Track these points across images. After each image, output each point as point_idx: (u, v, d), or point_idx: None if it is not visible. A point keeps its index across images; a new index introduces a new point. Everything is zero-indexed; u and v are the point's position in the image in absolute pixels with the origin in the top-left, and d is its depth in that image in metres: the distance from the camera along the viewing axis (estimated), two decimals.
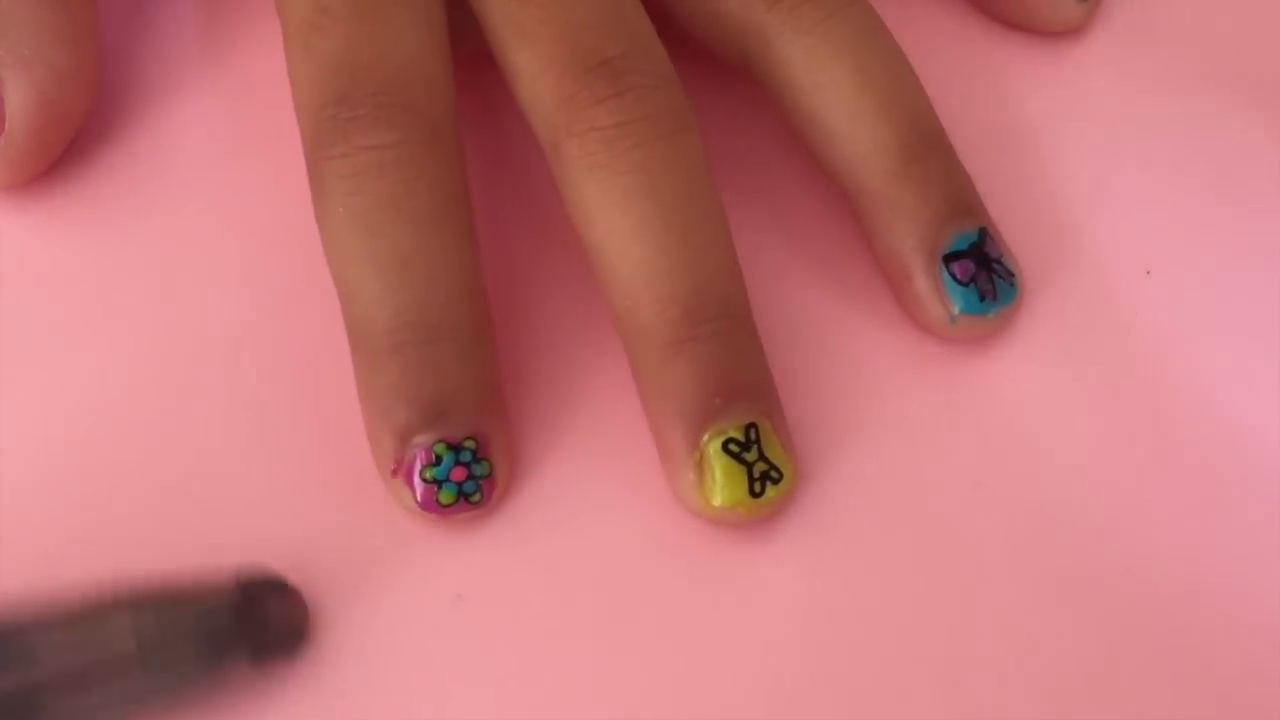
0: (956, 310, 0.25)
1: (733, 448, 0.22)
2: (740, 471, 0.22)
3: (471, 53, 0.25)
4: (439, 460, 0.22)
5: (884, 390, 0.25)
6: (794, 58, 0.25)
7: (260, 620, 0.21)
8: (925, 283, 0.25)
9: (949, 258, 0.25)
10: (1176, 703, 0.22)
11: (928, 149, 0.25)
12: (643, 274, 0.23)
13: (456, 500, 0.22)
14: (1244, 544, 0.24)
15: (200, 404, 0.24)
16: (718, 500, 0.22)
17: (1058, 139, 0.29)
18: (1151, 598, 0.23)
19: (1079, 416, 0.25)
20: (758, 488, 0.22)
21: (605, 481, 0.24)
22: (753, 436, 0.22)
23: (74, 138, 0.26)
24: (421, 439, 0.22)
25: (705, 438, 0.22)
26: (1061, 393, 0.25)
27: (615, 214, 0.23)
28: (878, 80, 0.25)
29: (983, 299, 0.25)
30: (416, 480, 0.22)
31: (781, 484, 0.23)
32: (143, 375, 0.24)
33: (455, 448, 0.22)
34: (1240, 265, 0.27)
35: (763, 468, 0.23)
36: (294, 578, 0.22)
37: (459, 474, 0.22)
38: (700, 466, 0.22)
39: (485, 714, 0.22)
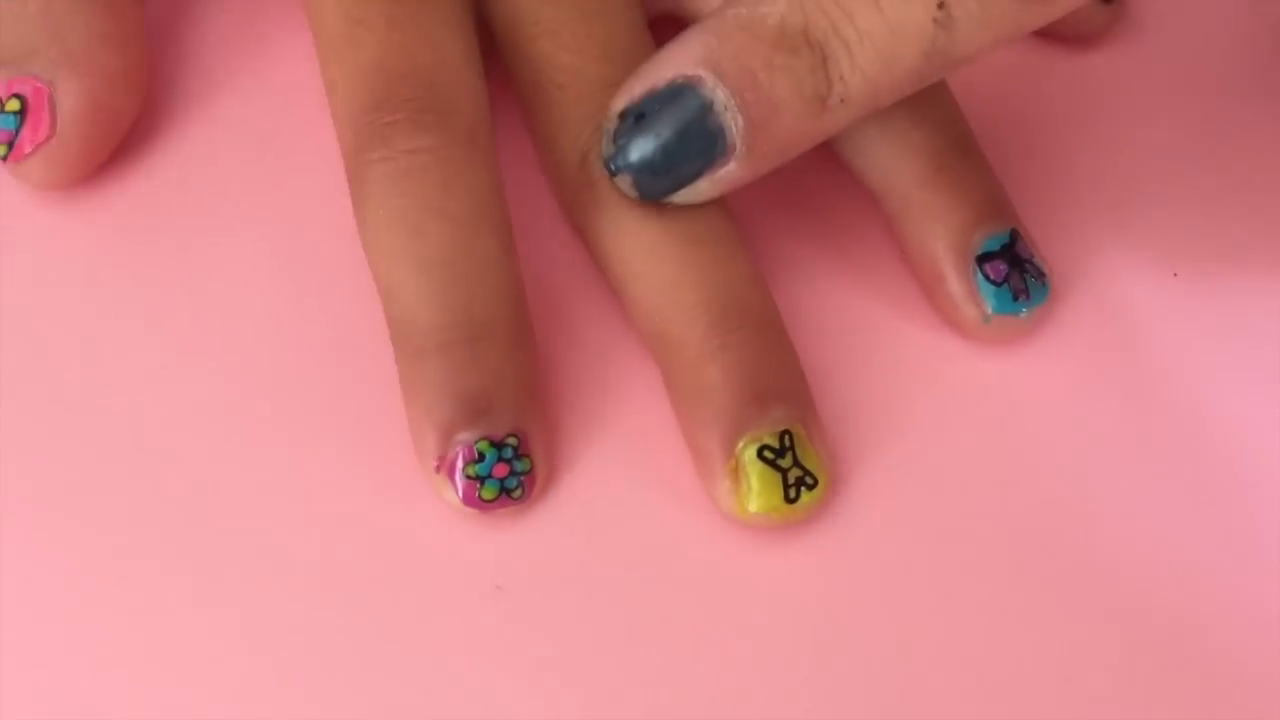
0: (990, 311, 0.25)
1: (768, 455, 0.23)
2: (775, 478, 0.23)
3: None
4: (482, 457, 0.22)
5: (916, 392, 0.26)
6: None
7: None
8: (958, 284, 0.25)
9: (982, 259, 0.25)
10: (1203, 705, 0.22)
11: (958, 153, 0.25)
12: (668, 290, 0.23)
13: (499, 496, 0.23)
14: (1271, 549, 0.24)
15: (243, 399, 0.25)
16: (753, 507, 0.23)
17: (1084, 142, 0.29)
18: (1179, 601, 0.23)
19: (1108, 419, 0.25)
20: (793, 494, 0.23)
21: (641, 476, 0.24)
22: (787, 443, 0.23)
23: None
24: (464, 436, 0.22)
25: (740, 445, 0.23)
26: (1090, 395, 0.26)
27: (630, 241, 0.24)
28: None
29: (1015, 299, 0.25)
30: (459, 477, 0.22)
31: (817, 490, 0.23)
32: (186, 372, 0.25)
33: (498, 445, 0.22)
34: (1269, 269, 0.27)
35: (798, 474, 0.23)
36: (334, 569, 0.23)
37: (501, 470, 0.22)
38: (735, 474, 0.23)
39: (523, 703, 0.22)
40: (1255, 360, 0.26)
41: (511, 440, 0.22)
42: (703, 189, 0.23)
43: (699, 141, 0.22)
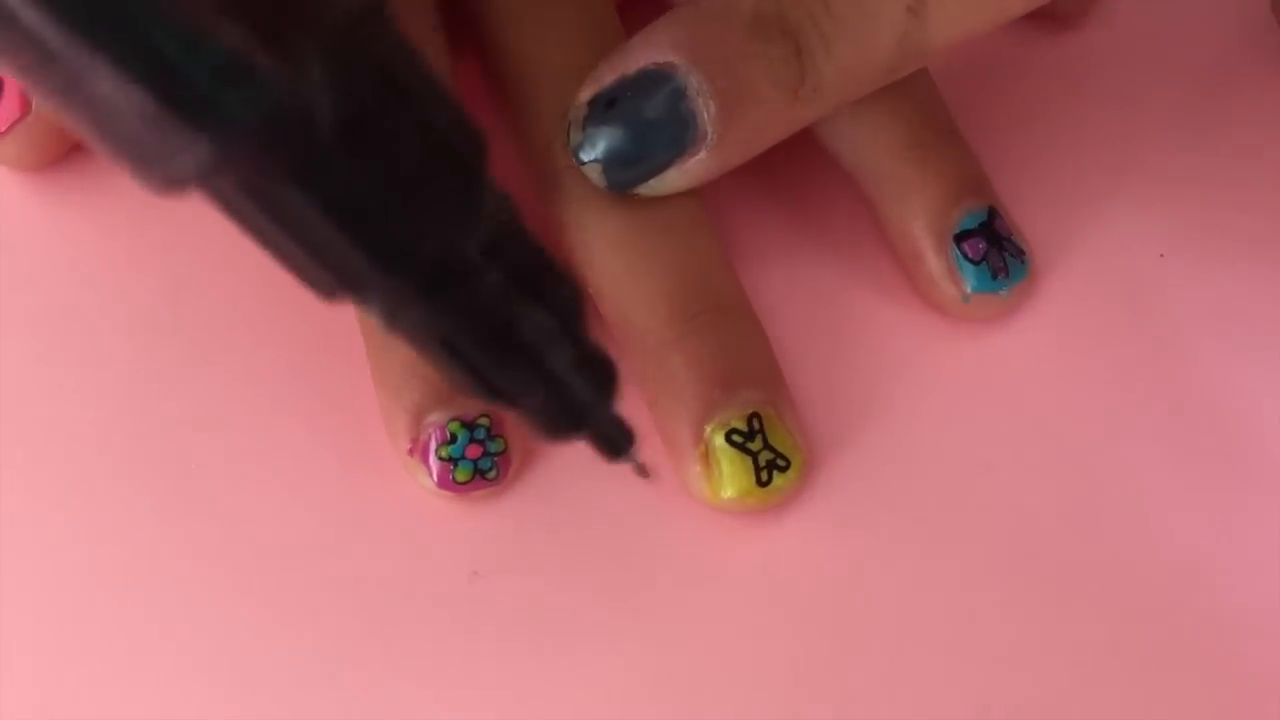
0: (969, 289, 0.25)
1: (736, 438, 0.22)
2: (746, 462, 0.22)
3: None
4: (454, 438, 0.22)
5: (896, 374, 0.25)
6: None
7: None
8: (937, 262, 0.25)
9: (960, 237, 0.25)
10: (1181, 682, 0.22)
11: (935, 132, 0.25)
12: (629, 280, 0.23)
13: (472, 478, 0.22)
14: (1255, 525, 0.24)
15: (214, 388, 0.25)
16: (725, 492, 0.23)
17: (1071, 123, 0.29)
18: (1160, 578, 0.23)
19: (1091, 400, 0.25)
20: (764, 476, 0.23)
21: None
22: (756, 426, 0.23)
23: None
24: (435, 417, 0.22)
25: (708, 430, 0.22)
26: (1074, 376, 0.25)
27: (594, 232, 0.23)
28: None
29: (995, 277, 0.25)
30: (432, 459, 0.22)
31: (789, 472, 0.23)
32: (157, 356, 0.25)
33: (469, 425, 0.22)
34: (1255, 248, 0.27)
35: (768, 456, 0.23)
36: (312, 558, 0.23)
37: (474, 451, 0.22)
38: (706, 460, 0.23)
39: (501, 690, 0.22)
40: (1241, 338, 0.26)
41: (483, 420, 0.22)
42: (672, 179, 0.23)
43: (670, 129, 0.22)
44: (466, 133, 0.15)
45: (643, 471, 0.20)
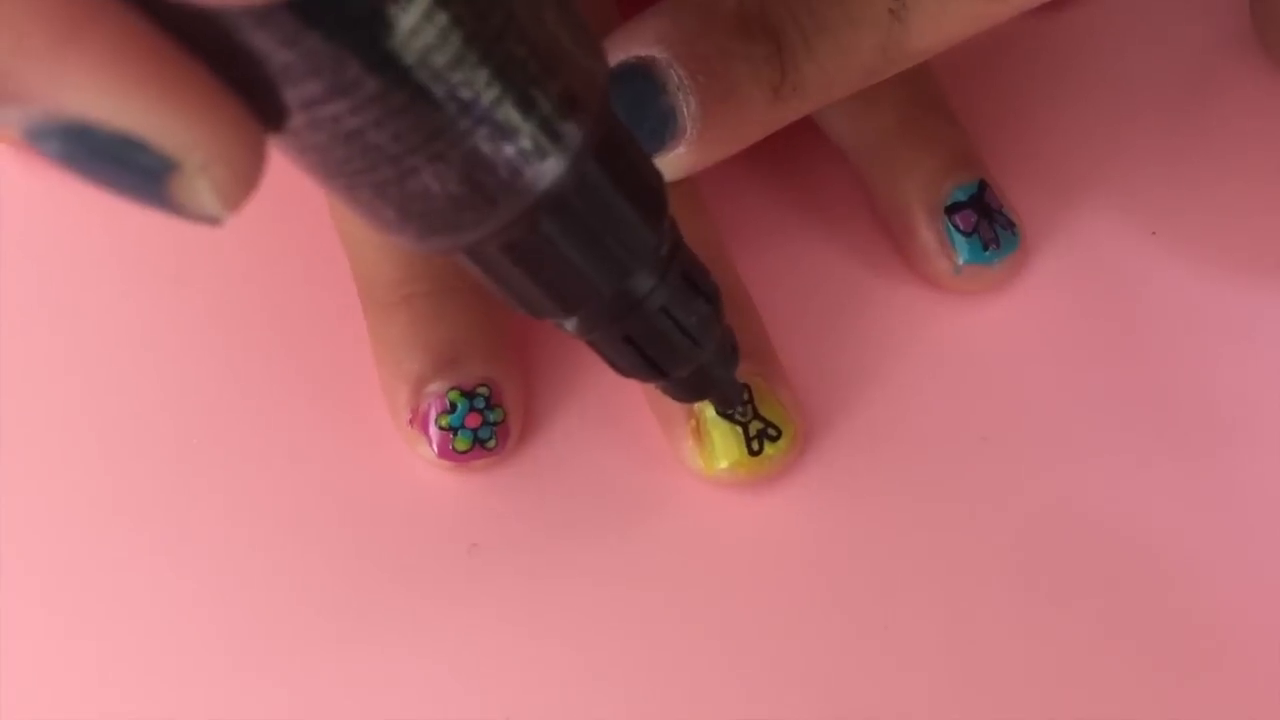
0: (961, 261, 0.25)
1: (726, 410, 0.23)
2: (736, 432, 0.23)
3: None
4: (453, 408, 0.22)
5: (889, 347, 0.26)
6: None
7: None
8: (929, 235, 0.25)
9: (951, 209, 0.25)
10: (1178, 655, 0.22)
11: (925, 107, 0.26)
12: None
13: (472, 447, 0.23)
14: (1243, 495, 0.24)
15: (215, 365, 0.25)
16: (720, 463, 0.23)
17: (1064, 101, 0.29)
18: (1153, 550, 0.23)
19: (1084, 372, 0.25)
20: (755, 446, 0.23)
21: (616, 434, 0.24)
22: (746, 397, 0.23)
23: None
24: (435, 387, 0.22)
25: (698, 403, 0.23)
26: (1065, 349, 0.26)
27: None
28: None
29: (986, 248, 0.25)
30: (432, 428, 0.22)
31: (781, 441, 0.23)
32: (160, 333, 0.25)
33: (469, 394, 0.22)
34: (1247, 227, 0.27)
35: (759, 426, 0.23)
36: (312, 533, 0.23)
37: (473, 420, 0.22)
38: (698, 432, 0.23)
39: (501, 661, 0.22)
40: (1229, 313, 0.26)
41: (483, 390, 0.22)
42: None
43: (650, 122, 0.22)
44: (658, 178, 0.17)
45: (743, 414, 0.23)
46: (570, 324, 0.17)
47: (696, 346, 0.18)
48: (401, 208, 0.14)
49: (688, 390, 0.20)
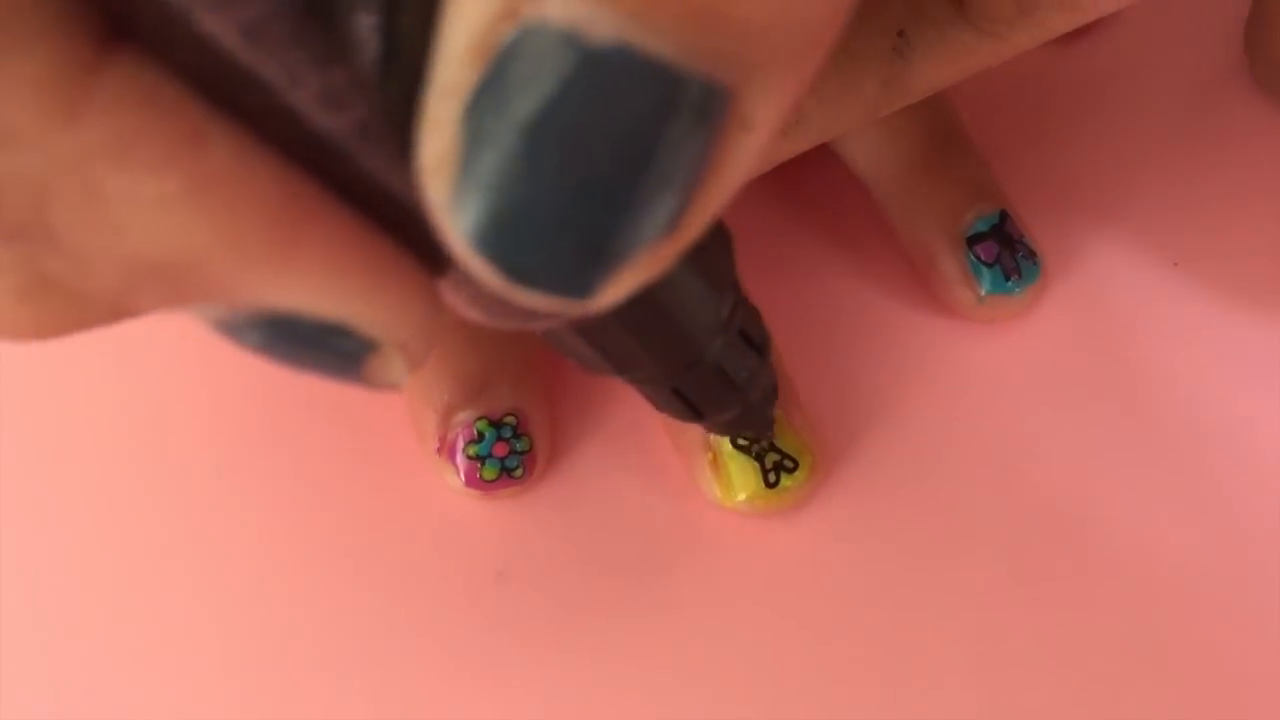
0: (984, 291, 0.25)
1: (742, 442, 0.23)
2: (753, 465, 0.23)
3: None
4: (481, 437, 0.23)
5: (911, 376, 0.26)
6: None
7: None
8: (951, 265, 0.25)
9: (972, 240, 0.25)
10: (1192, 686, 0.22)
11: (945, 138, 0.26)
12: None
13: (499, 476, 0.23)
14: (1260, 524, 0.24)
15: (245, 392, 0.25)
16: (738, 495, 0.23)
17: (1083, 131, 0.29)
18: (1175, 577, 0.23)
19: (1104, 403, 0.25)
20: (772, 478, 0.23)
21: (642, 463, 0.24)
22: None
23: None
24: (463, 416, 0.23)
25: (715, 436, 0.23)
26: (1087, 380, 0.26)
27: None
28: None
29: (1008, 278, 0.25)
30: (460, 457, 0.23)
31: (798, 472, 0.23)
32: (184, 355, 0.25)
33: (496, 423, 0.23)
34: (1269, 257, 0.27)
35: (775, 458, 0.23)
36: (339, 559, 0.23)
37: (501, 449, 0.23)
38: (715, 465, 0.23)
39: (528, 688, 0.22)
40: (1250, 345, 0.26)
41: (510, 419, 0.23)
42: None
43: None
44: (724, 244, 0.17)
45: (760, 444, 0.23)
46: (627, 380, 0.17)
47: (741, 394, 0.18)
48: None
49: (723, 428, 0.20)
